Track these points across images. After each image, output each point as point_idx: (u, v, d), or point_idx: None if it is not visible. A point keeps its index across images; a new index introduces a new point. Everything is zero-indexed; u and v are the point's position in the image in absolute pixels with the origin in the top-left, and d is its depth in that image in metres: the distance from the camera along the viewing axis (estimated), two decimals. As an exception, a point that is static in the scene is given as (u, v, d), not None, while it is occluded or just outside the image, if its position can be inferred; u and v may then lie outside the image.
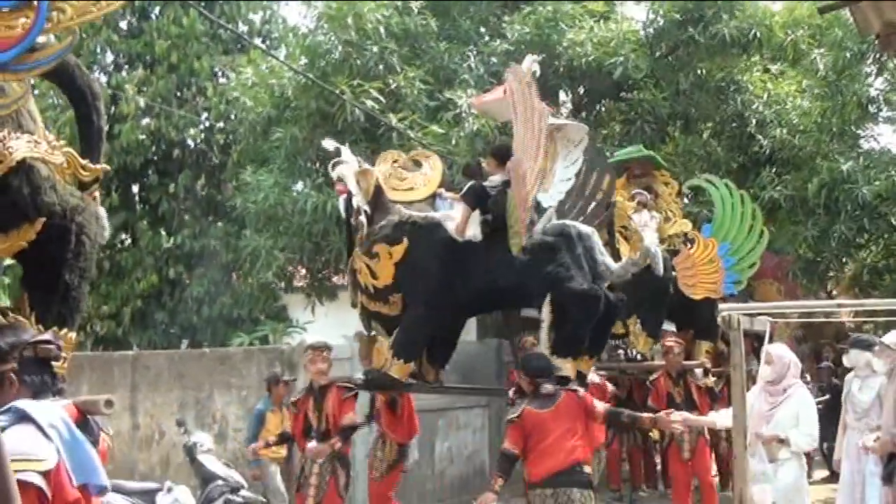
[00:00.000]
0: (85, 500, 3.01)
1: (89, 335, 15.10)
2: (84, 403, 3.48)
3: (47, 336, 3.63)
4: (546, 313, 6.58)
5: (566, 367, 6.28)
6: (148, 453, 10.89)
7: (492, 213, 6.70)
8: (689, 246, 9.40)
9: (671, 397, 8.58)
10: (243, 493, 8.21)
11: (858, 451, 6.45)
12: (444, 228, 6.68)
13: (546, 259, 6.67)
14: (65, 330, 4.40)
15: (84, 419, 3.37)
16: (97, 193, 4.83)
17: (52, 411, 2.95)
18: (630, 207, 8.99)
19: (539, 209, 6.79)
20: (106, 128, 5.13)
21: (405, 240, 6.66)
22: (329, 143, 7.37)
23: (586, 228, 6.93)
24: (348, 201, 7.11)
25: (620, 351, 8.88)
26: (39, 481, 2.70)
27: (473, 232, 6.65)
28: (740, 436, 5.31)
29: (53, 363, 3.45)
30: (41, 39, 3.85)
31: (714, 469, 9.44)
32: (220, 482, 8.01)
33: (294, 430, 7.13)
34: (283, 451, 8.81)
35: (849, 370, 7.27)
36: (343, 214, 7.49)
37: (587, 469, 5.74)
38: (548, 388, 5.86)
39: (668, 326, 10.00)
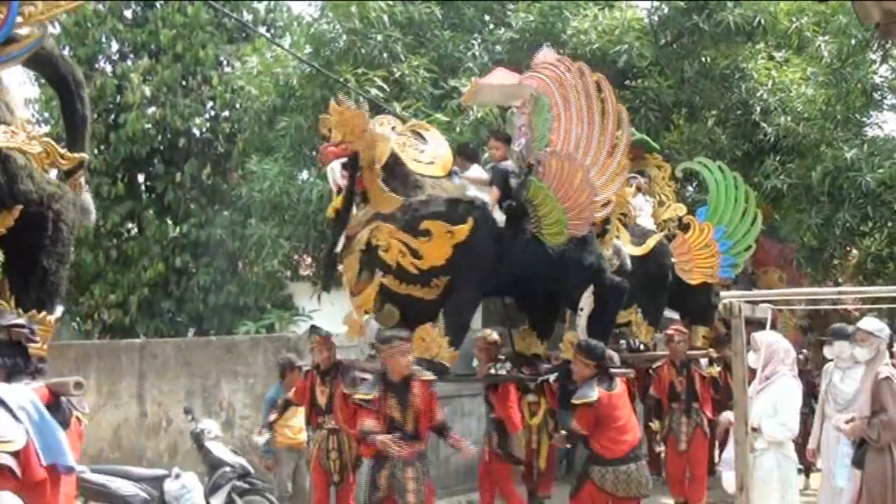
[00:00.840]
0: (53, 480, 3.09)
1: (96, 323, 15.20)
2: (55, 385, 3.55)
3: (21, 320, 3.71)
4: (588, 303, 6.92)
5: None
6: (156, 440, 10.99)
7: (514, 200, 6.76)
8: (684, 230, 9.35)
9: (673, 387, 8.58)
10: (250, 479, 8.30)
11: (838, 441, 6.44)
12: (491, 211, 6.64)
13: (584, 250, 6.88)
14: (44, 313, 4.47)
15: (56, 400, 3.44)
16: (83, 180, 4.92)
17: (22, 394, 3.02)
18: (629, 193, 8.88)
19: None
20: (91, 116, 5.22)
21: (471, 220, 6.39)
22: (344, 100, 6.60)
23: None
24: (352, 165, 6.41)
25: (623, 341, 8.81)
26: (10, 462, 2.77)
27: (500, 216, 6.67)
28: (742, 423, 5.37)
29: (30, 345, 3.52)
30: (23, 31, 3.94)
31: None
32: (227, 469, 8.09)
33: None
34: (301, 437, 8.73)
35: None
36: (335, 181, 6.85)
37: None
38: (616, 371, 6.45)
39: (673, 315, 9.99)
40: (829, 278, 14.57)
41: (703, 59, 12.68)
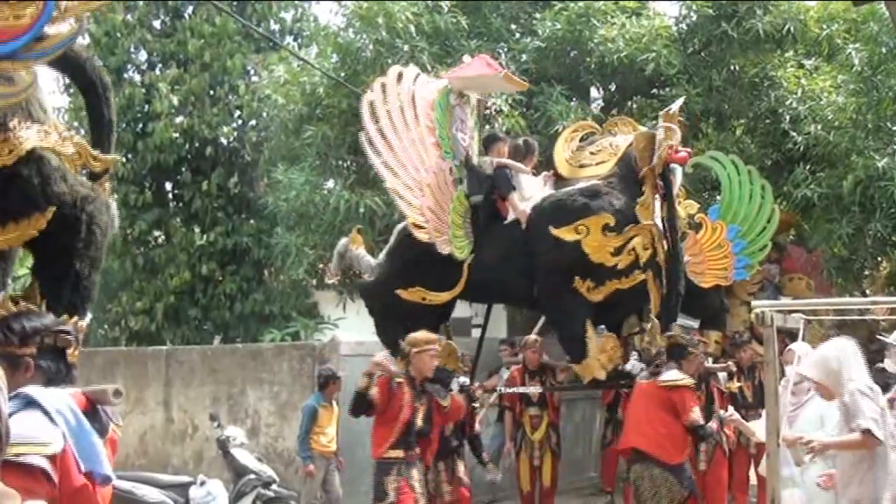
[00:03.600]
0: (91, 488, 3.05)
1: (123, 330, 15.29)
2: (93, 393, 3.54)
3: (68, 327, 3.71)
4: None
5: None
6: (181, 447, 11.01)
7: None
8: (695, 230, 8.93)
9: None
10: (275, 487, 8.30)
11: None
12: None
13: None
14: (75, 318, 4.44)
15: (93, 408, 3.42)
16: (108, 184, 4.85)
17: (59, 398, 2.98)
18: None
19: None
20: (119, 125, 5.21)
21: None
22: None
23: None
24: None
25: (634, 352, 8.08)
26: (45, 465, 2.72)
27: None
28: (774, 434, 5.28)
29: (68, 352, 3.52)
30: (52, 30, 3.90)
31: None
32: (252, 476, 8.11)
33: None
34: (332, 446, 8.74)
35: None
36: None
37: None
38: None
39: (692, 323, 9.64)
40: (858, 289, 14.37)
41: (732, 67, 12.58)
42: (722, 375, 8.31)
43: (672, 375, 6.42)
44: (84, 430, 3.00)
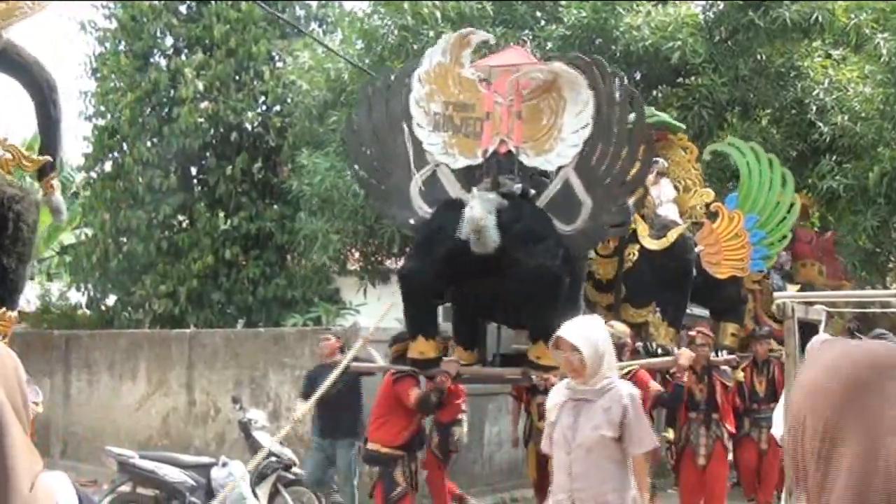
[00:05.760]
0: None
1: (147, 313, 15.43)
2: None
3: None
4: None
5: None
6: (204, 429, 11.14)
7: None
8: (711, 219, 8.73)
9: (692, 395, 7.87)
10: (295, 469, 8.38)
11: None
12: None
13: None
14: (3, 309, 4.69)
15: None
16: (55, 182, 5.15)
17: None
18: (649, 182, 8.14)
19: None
20: (64, 120, 5.42)
21: None
22: None
23: None
24: None
25: (639, 344, 7.90)
26: None
27: None
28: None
29: None
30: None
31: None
32: (273, 459, 8.18)
33: None
34: None
35: None
36: None
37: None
38: None
39: (700, 311, 9.48)
40: (882, 282, 14.26)
41: (759, 56, 12.48)
42: (725, 367, 8.15)
43: None
44: None
